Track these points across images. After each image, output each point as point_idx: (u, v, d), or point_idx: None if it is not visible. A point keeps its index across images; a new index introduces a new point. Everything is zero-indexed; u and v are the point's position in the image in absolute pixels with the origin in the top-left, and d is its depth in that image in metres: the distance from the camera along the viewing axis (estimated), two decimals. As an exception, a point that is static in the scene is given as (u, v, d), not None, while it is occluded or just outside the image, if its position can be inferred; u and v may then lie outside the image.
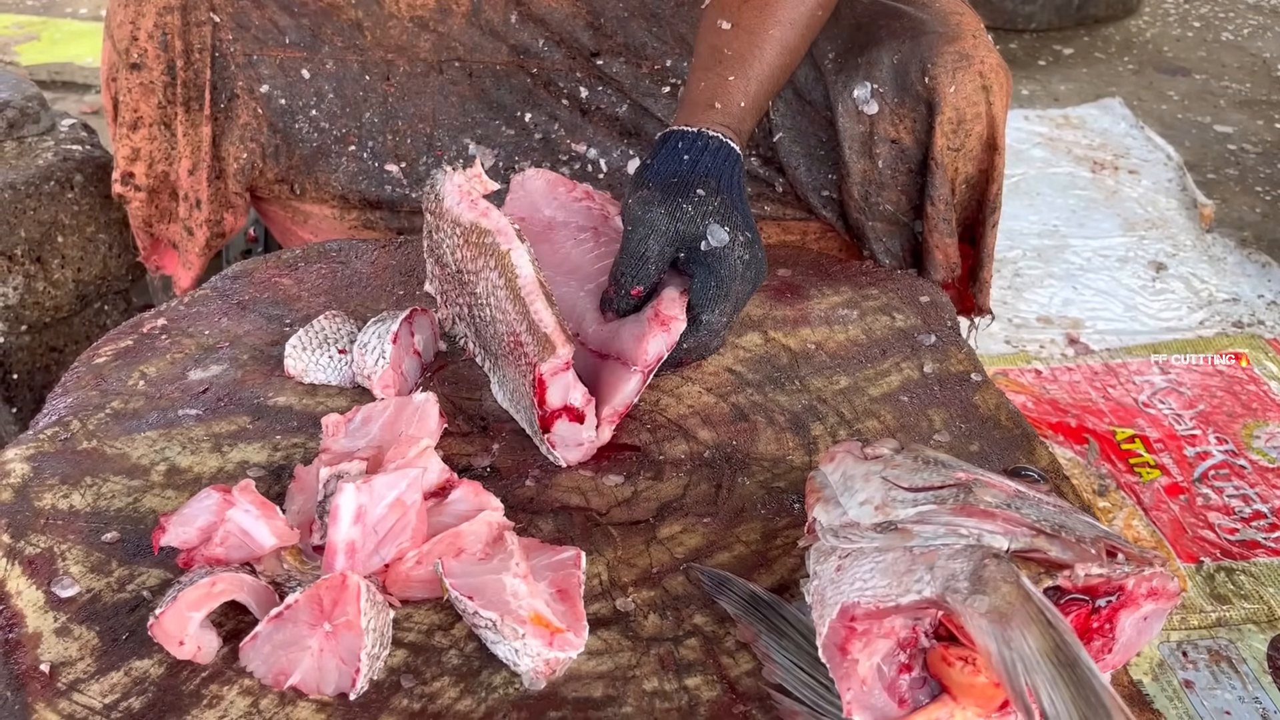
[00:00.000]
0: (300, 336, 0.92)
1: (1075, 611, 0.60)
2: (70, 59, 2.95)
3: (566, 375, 0.81)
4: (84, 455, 0.83)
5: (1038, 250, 2.16)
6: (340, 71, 1.22)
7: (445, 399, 0.90)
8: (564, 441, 0.83)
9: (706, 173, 0.92)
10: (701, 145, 0.94)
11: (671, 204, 0.89)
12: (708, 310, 0.89)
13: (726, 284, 0.89)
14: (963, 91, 1.08)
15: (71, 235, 1.46)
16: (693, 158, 0.93)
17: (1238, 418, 1.65)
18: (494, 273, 0.82)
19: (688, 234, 0.89)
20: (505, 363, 0.86)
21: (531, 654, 0.65)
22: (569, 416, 0.82)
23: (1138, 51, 3.17)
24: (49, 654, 0.67)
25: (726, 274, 0.89)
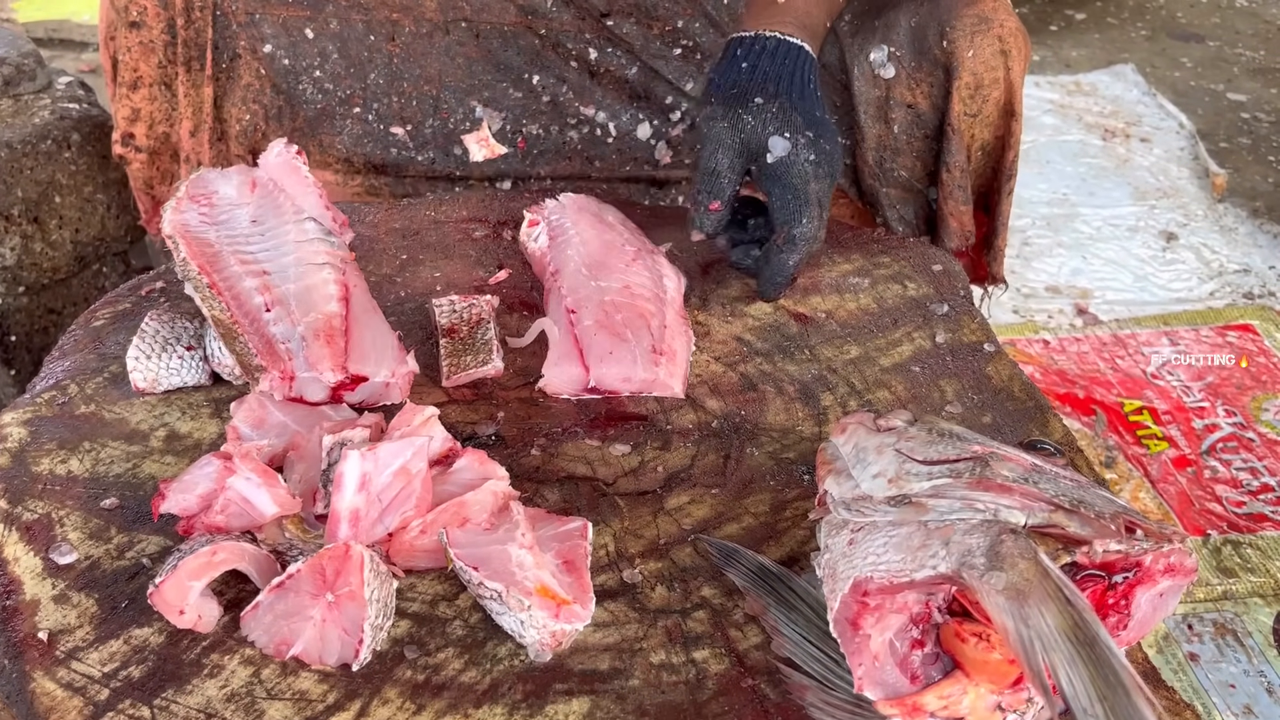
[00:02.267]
0: (138, 345, 0.84)
1: (1092, 588, 0.59)
2: (68, 15, 2.91)
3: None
4: (82, 420, 0.82)
5: (1047, 219, 2.13)
6: (344, 31, 1.19)
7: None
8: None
9: (765, 78, 0.93)
10: (760, 49, 0.95)
11: (732, 116, 0.92)
12: (795, 224, 0.92)
13: (802, 192, 0.91)
14: (981, 56, 1.06)
15: (69, 195, 1.44)
16: (750, 64, 0.94)
17: (1247, 390, 1.64)
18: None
19: (752, 144, 0.92)
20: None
21: (537, 625, 0.64)
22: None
23: (1151, 17, 3.12)
24: (47, 621, 0.66)
25: (799, 181, 0.91)
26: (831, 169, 0.94)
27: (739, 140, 0.92)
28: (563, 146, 1.22)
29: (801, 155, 0.91)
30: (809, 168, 0.91)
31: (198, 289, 0.83)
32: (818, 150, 0.92)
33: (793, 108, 0.92)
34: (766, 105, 0.92)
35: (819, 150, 0.92)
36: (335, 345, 0.80)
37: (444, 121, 1.21)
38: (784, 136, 0.91)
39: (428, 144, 1.21)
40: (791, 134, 0.91)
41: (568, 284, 0.92)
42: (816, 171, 0.92)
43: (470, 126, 1.21)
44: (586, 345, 0.86)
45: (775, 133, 0.91)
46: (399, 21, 1.20)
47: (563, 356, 0.87)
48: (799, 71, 0.94)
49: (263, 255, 0.86)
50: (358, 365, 0.81)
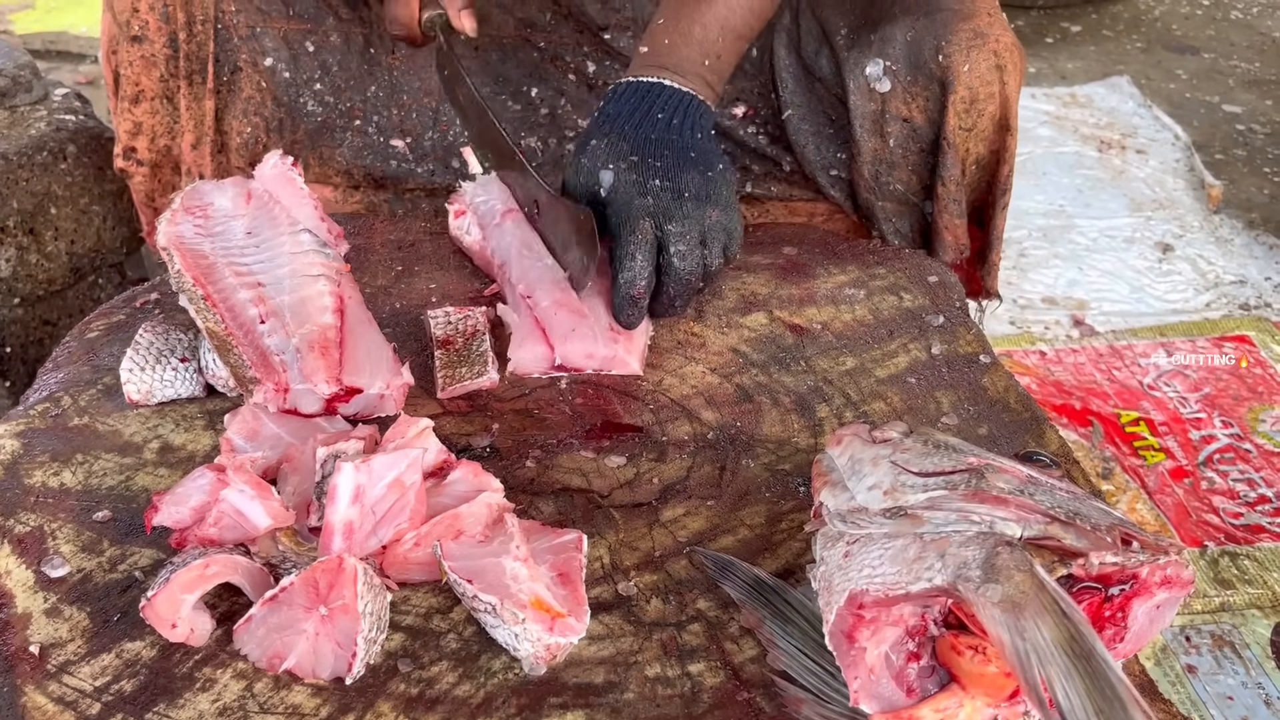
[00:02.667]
0: (131, 357, 0.84)
1: (1088, 600, 0.59)
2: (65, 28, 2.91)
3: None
4: (75, 432, 0.82)
5: (1043, 230, 2.13)
6: (345, 44, 1.19)
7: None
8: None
9: (604, 118, 0.97)
10: (610, 95, 0.99)
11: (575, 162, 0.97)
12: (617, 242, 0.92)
13: (621, 211, 0.92)
14: (976, 70, 1.06)
15: (65, 207, 1.44)
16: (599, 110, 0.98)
17: (1243, 401, 1.64)
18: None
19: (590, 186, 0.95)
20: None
21: (532, 639, 0.64)
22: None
23: (1146, 29, 3.13)
24: (39, 635, 0.66)
25: (619, 204, 0.92)
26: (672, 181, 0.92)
27: (579, 184, 0.95)
28: (560, 159, 1.22)
29: (622, 178, 0.93)
30: (631, 189, 0.92)
31: (192, 301, 0.83)
32: (643, 169, 0.93)
33: (621, 139, 0.94)
34: (598, 144, 0.95)
35: (644, 169, 0.93)
36: (330, 357, 0.80)
37: (443, 134, 1.22)
38: (608, 168, 0.93)
39: (427, 156, 1.21)
40: (614, 162, 0.93)
41: (516, 271, 0.94)
42: (643, 187, 0.92)
43: (469, 139, 1.21)
44: (548, 324, 0.89)
45: (603, 168, 0.94)
46: None
47: (526, 337, 0.89)
48: (642, 105, 0.96)
49: (258, 267, 0.86)
50: (352, 377, 0.81)
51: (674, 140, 0.95)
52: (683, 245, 0.91)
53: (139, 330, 0.87)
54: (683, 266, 0.91)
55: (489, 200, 1.01)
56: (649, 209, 0.91)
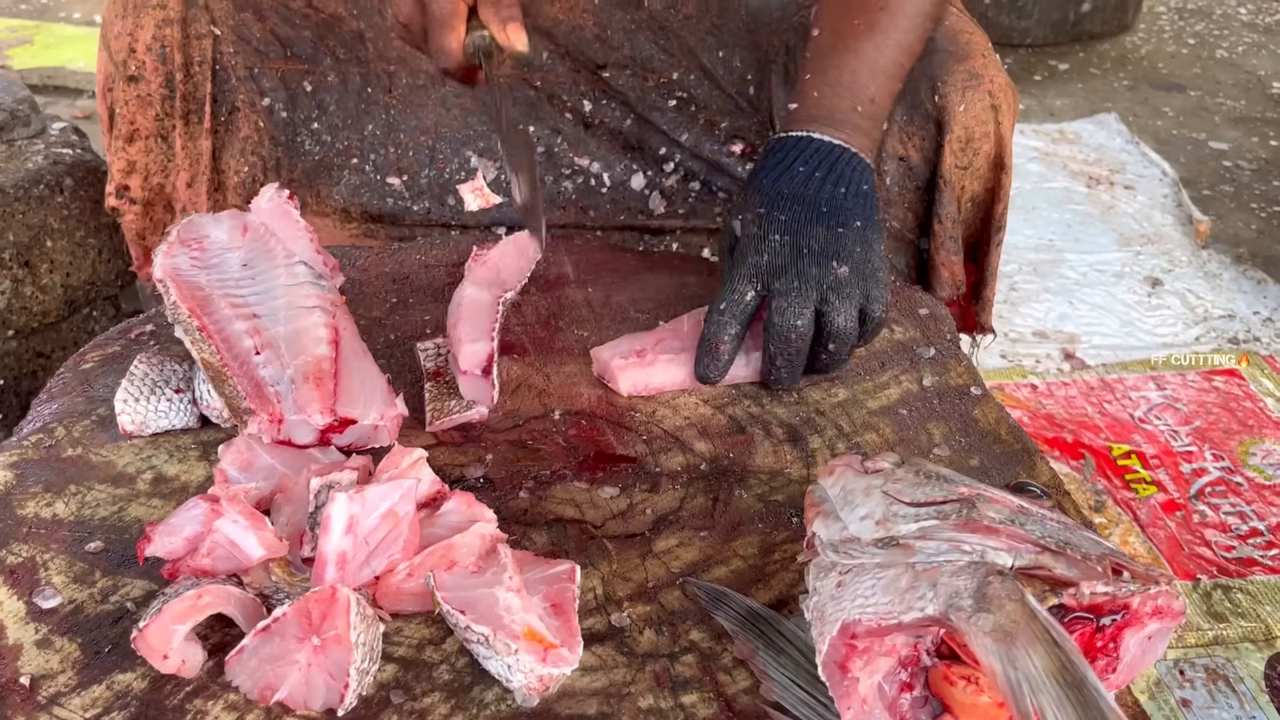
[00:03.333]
0: (126, 388, 0.84)
1: (1080, 630, 0.59)
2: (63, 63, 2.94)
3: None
4: (68, 463, 0.82)
5: (1034, 264, 2.15)
6: (342, 84, 1.21)
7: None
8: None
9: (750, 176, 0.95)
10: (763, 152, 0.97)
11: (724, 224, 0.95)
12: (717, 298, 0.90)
13: (734, 268, 0.90)
14: (972, 110, 1.08)
15: (61, 240, 1.44)
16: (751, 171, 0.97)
17: (1234, 434, 1.65)
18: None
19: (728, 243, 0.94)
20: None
21: (524, 670, 0.64)
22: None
23: (1133, 68, 3.18)
24: (29, 666, 0.66)
25: (736, 258, 0.91)
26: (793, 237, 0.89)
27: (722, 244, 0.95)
28: (557, 196, 1.23)
29: (745, 231, 0.91)
30: (749, 242, 0.90)
31: (187, 332, 0.83)
32: (764, 223, 0.90)
33: (756, 191, 0.92)
34: (738, 199, 0.95)
35: (767, 222, 0.90)
36: (324, 388, 0.80)
37: (440, 172, 1.23)
38: (736, 220, 0.92)
39: (423, 194, 1.22)
40: (743, 215, 0.92)
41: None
42: (759, 245, 0.89)
43: (465, 176, 1.22)
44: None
45: (733, 219, 0.93)
46: (396, 73, 1.22)
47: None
48: (785, 159, 0.94)
49: (253, 299, 0.87)
50: (346, 408, 0.81)
51: (808, 195, 0.91)
52: (784, 302, 0.87)
53: (134, 361, 0.87)
54: (781, 325, 0.87)
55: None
56: (761, 267, 0.88)
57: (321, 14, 1.20)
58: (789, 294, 0.87)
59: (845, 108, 0.96)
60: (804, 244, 0.88)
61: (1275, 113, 2.88)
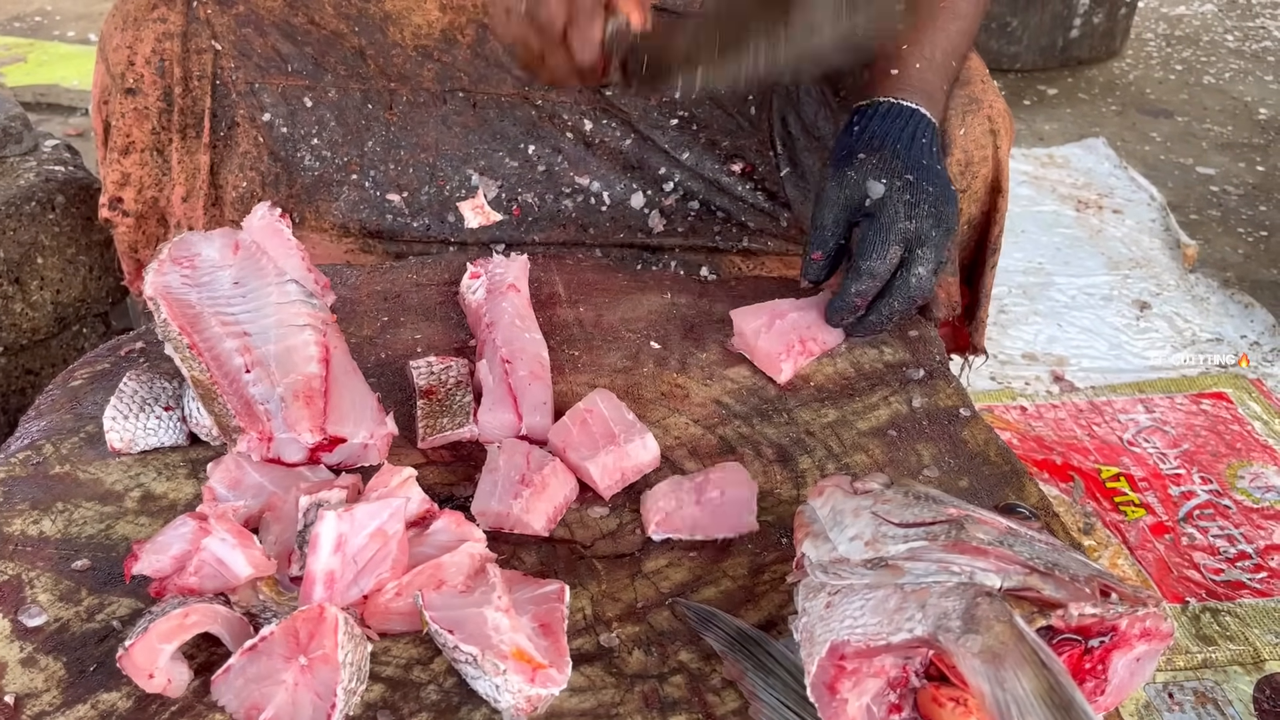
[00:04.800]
0: (115, 405, 0.84)
1: (1068, 652, 0.59)
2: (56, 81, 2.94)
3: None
4: (56, 480, 0.81)
5: (1023, 287, 2.16)
6: (343, 100, 1.21)
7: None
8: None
9: (871, 136, 0.98)
10: (871, 113, 1.00)
11: (838, 175, 0.97)
12: (865, 257, 0.94)
13: (886, 228, 0.94)
14: (971, 134, 1.09)
15: (52, 257, 1.44)
16: (861, 127, 0.99)
17: (1222, 458, 1.65)
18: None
19: (855, 197, 0.96)
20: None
21: (513, 690, 0.64)
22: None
23: (1121, 93, 3.21)
24: (14, 685, 0.65)
25: (886, 220, 0.94)
26: (936, 210, 0.95)
27: (843, 196, 0.97)
28: (557, 214, 1.23)
29: (896, 196, 0.95)
30: (901, 207, 0.94)
31: (177, 349, 0.83)
32: (915, 191, 0.95)
33: (895, 157, 0.97)
34: (868, 159, 0.97)
35: (916, 190, 0.95)
36: (314, 406, 0.80)
37: (440, 189, 1.23)
38: (880, 181, 0.95)
39: (423, 211, 1.22)
40: (889, 179, 0.95)
41: (502, 335, 0.94)
42: (911, 211, 0.95)
43: (466, 194, 1.22)
44: (520, 394, 0.89)
45: (873, 179, 0.96)
46: (397, 91, 1.22)
47: (498, 403, 0.89)
48: (908, 128, 0.99)
49: (244, 317, 0.87)
50: (336, 426, 0.81)
51: (939, 171, 0.98)
52: (923, 270, 0.95)
53: (123, 378, 0.87)
54: (918, 288, 0.96)
55: (504, 274, 1.03)
56: (909, 232, 0.94)
57: (323, 30, 1.20)
58: (927, 261, 0.95)
59: (938, 85, 1.03)
60: (942, 219, 0.96)
61: (1262, 138, 2.91)
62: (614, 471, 0.83)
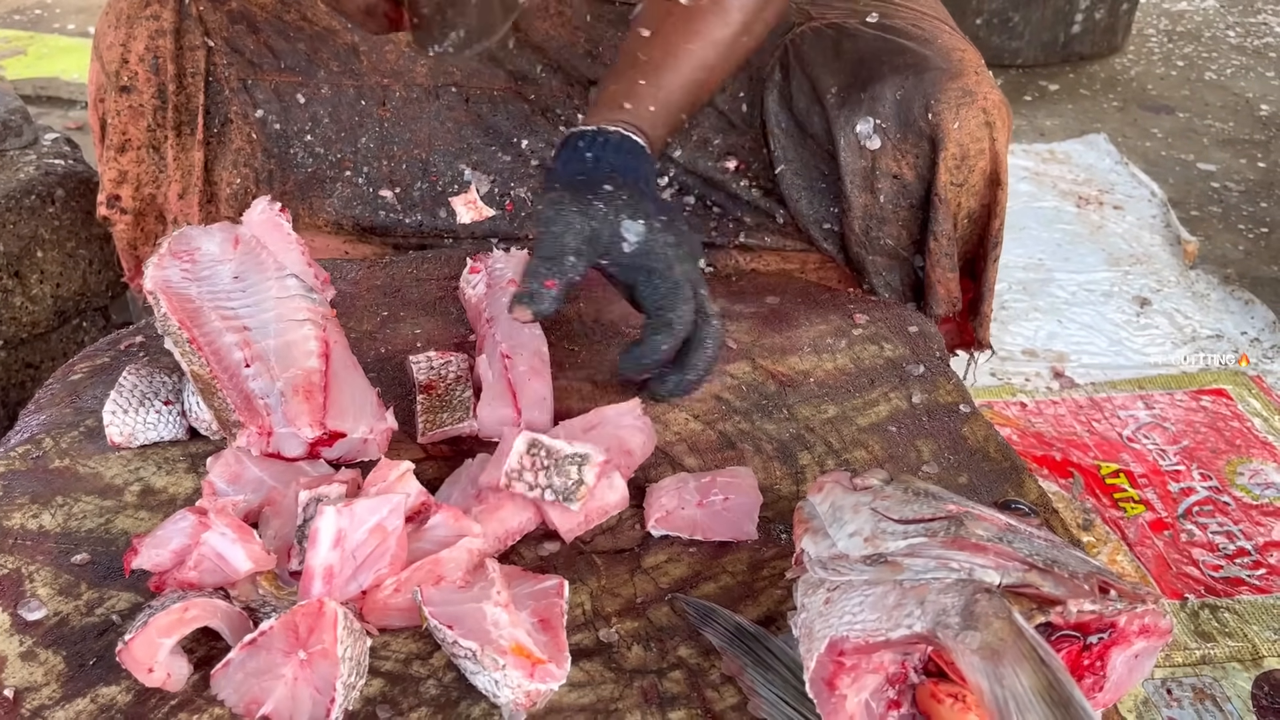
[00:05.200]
0: (115, 399, 0.84)
1: (1067, 648, 0.59)
2: (56, 74, 2.94)
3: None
4: (56, 474, 0.81)
5: (1023, 283, 2.16)
6: (336, 96, 1.21)
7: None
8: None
9: (611, 168, 0.93)
10: (603, 141, 0.95)
11: (581, 201, 0.90)
12: (669, 308, 0.89)
13: (668, 275, 0.90)
14: (966, 127, 1.08)
15: (51, 250, 1.44)
16: (595, 154, 0.94)
17: (1221, 454, 1.65)
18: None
19: (603, 232, 0.90)
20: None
21: (512, 685, 0.64)
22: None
23: (1122, 89, 3.20)
24: (13, 679, 0.65)
25: (662, 265, 0.90)
26: (693, 250, 0.92)
27: (590, 226, 0.90)
28: None
29: (659, 238, 0.90)
30: (670, 250, 0.90)
31: (177, 344, 0.83)
32: (674, 232, 0.91)
33: (641, 195, 0.92)
34: (616, 192, 0.91)
35: (675, 231, 0.91)
36: (314, 401, 0.80)
37: (433, 184, 1.23)
38: (638, 221, 0.90)
39: (416, 206, 1.22)
40: (646, 219, 0.91)
41: (502, 330, 0.93)
42: (678, 253, 0.91)
43: (459, 189, 1.22)
44: (519, 389, 0.88)
45: (629, 218, 0.90)
46: (390, 87, 1.22)
47: (496, 398, 0.88)
48: (642, 167, 0.95)
49: (244, 311, 0.86)
50: (336, 421, 0.81)
51: (673, 207, 0.95)
52: (715, 308, 0.92)
53: (123, 373, 0.87)
54: (721, 329, 0.93)
55: (504, 269, 1.02)
56: (687, 276, 0.90)
57: (315, 27, 1.20)
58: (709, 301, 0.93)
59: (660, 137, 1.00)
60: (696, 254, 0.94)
61: (1263, 135, 2.90)
62: (575, 515, 0.78)
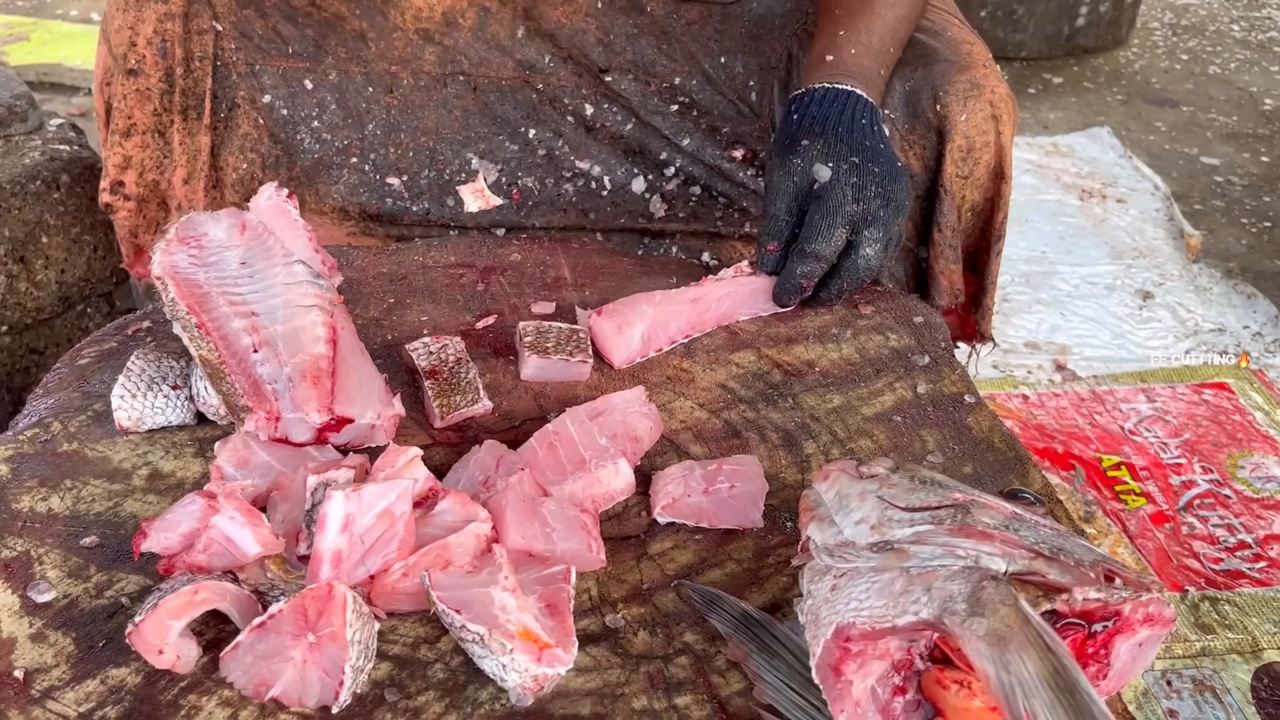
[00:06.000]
0: (123, 384, 0.84)
1: (1071, 636, 0.59)
2: (59, 60, 2.93)
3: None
4: (64, 457, 0.82)
5: (1026, 276, 2.16)
6: (343, 83, 1.21)
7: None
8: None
9: (811, 121, 1.00)
10: (808, 100, 1.02)
11: (785, 163, 0.99)
12: (811, 240, 0.97)
13: (833, 211, 0.96)
14: (973, 120, 1.08)
15: (56, 236, 1.44)
16: (800, 114, 1.02)
17: (1223, 447, 1.66)
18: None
19: (803, 184, 0.98)
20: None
21: (519, 669, 0.64)
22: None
23: (1126, 82, 3.20)
24: (23, 660, 0.66)
25: (833, 203, 0.96)
26: (884, 190, 0.98)
27: (792, 183, 0.99)
28: (558, 199, 1.23)
29: (843, 179, 0.97)
30: (849, 190, 0.97)
31: (186, 329, 0.83)
32: (862, 173, 0.97)
33: (838, 140, 0.98)
34: (812, 144, 0.99)
35: (863, 173, 0.97)
36: (321, 387, 0.81)
37: (440, 172, 1.23)
38: (827, 165, 0.97)
39: (423, 194, 1.22)
40: (835, 162, 0.97)
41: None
42: (859, 194, 0.97)
43: (466, 178, 1.22)
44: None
45: (820, 164, 0.98)
46: (398, 74, 1.22)
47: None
48: (846, 111, 1.01)
49: (251, 297, 0.87)
50: (344, 407, 0.81)
51: (884, 151, 1.00)
52: (870, 250, 0.98)
53: (131, 357, 0.87)
54: (866, 269, 0.99)
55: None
56: (855, 215, 0.97)
57: (324, 13, 1.20)
58: (875, 242, 0.98)
59: (874, 69, 1.05)
60: (890, 198, 0.98)
61: (1267, 129, 2.90)
62: (583, 499, 0.79)
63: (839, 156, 0.98)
